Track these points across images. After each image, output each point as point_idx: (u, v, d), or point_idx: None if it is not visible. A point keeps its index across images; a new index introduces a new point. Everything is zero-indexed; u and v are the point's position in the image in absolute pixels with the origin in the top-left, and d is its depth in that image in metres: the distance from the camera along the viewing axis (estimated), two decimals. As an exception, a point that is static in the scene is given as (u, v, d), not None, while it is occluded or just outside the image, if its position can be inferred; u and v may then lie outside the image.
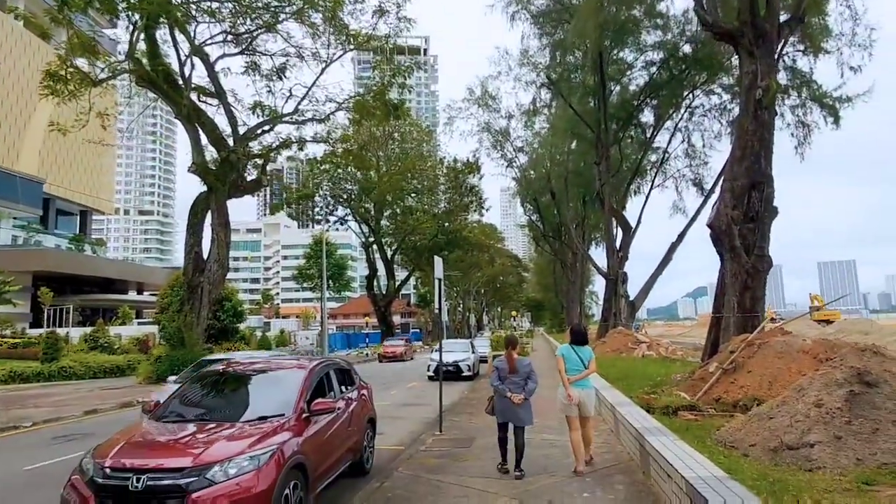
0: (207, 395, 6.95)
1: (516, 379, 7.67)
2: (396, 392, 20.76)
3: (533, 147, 65.57)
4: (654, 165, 43.99)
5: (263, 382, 7.26)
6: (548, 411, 12.44)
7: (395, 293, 64.84)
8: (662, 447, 6.45)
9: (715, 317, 14.65)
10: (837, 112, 30.21)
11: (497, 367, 7.90)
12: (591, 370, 7.81)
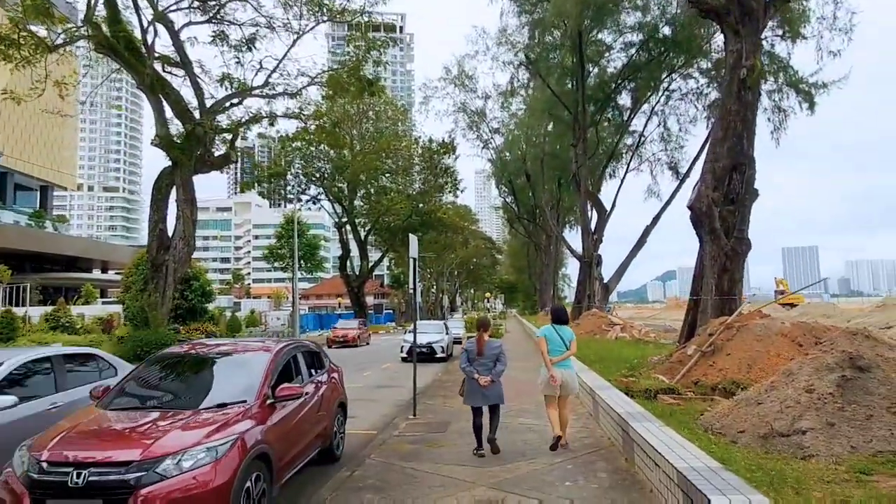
0: (162, 381, 6.43)
1: (485, 361, 7.63)
2: (370, 374, 20.35)
3: (509, 129, 65.21)
4: (630, 149, 43.92)
5: (224, 366, 6.74)
6: (524, 394, 12.18)
7: (368, 274, 64.15)
8: (648, 434, 6.14)
9: (692, 299, 14.46)
10: (813, 98, 30.30)
11: (466, 349, 7.88)
12: (572, 351, 7.83)
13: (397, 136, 61.88)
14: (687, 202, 14.19)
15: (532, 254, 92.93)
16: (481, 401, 7.62)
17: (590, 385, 10.08)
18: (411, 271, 11.03)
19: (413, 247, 11.01)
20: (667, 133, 41.26)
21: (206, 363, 6.80)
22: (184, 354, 6.96)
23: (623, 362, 14.99)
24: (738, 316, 11.89)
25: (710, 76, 35.80)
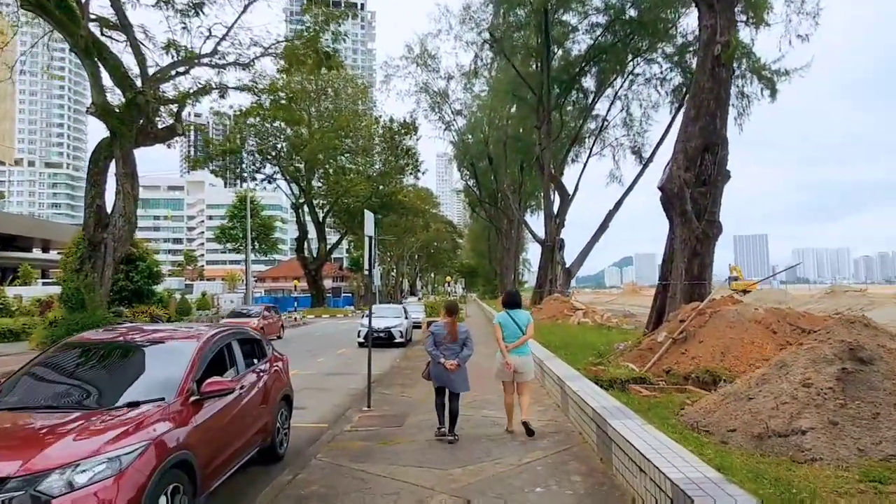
0: (62, 374, 5.40)
1: (452, 345, 7.54)
2: (324, 359, 19.41)
3: (472, 111, 64.30)
4: (593, 133, 43.57)
5: (140, 358, 5.75)
6: (487, 383, 11.44)
7: (326, 256, 62.89)
8: (629, 433, 5.45)
9: (661, 284, 13.94)
10: (775, 85, 30.20)
11: (433, 332, 7.73)
12: (528, 335, 7.71)
13: (357, 114, 60.42)
14: (658, 183, 13.61)
15: (493, 238, 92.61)
16: (449, 385, 7.55)
17: (558, 375, 9.40)
18: (367, 250, 10.16)
19: (369, 224, 10.13)
20: (629, 118, 41.06)
21: (118, 354, 5.78)
22: (94, 342, 5.93)
23: (589, 349, 14.41)
24: (711, 302, 11.37)
25: (674, 61, 35.56)
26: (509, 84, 42.19)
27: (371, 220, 10.23)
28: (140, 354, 5.79)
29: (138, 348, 5.87)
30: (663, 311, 13.53)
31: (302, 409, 11.06)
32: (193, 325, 9.87)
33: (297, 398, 12.00)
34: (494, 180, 67.37)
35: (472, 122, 65.18)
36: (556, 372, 9.69)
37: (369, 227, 10.18)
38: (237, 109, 42.70)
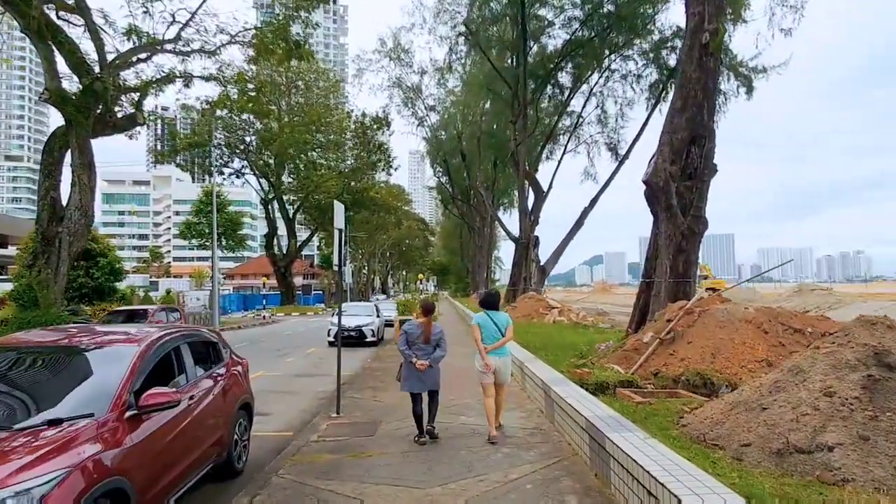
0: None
1: (425, 346, 7.37)
2: (293, 359, 18.58)
3: (445, 107, 63.65)
4: (568, 130, 43.22)
5: (72, 364, 4.93)
6: (463, 386, 10.83)
7: (296, 253, 61.70)
8: (632, 449, 4.84)
9: (645, 282, 13.43)
10: (751, 82, 30.12)
11: (406, 331, 7.50)
12: (508, 338, 7.51)
13: (328, 108, 59.29)
14: (642, 176, 13.09)
15: (465, 235, 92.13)
16: (419, 386, 7.32)
17: (541, 378, 8.78)
18: (337, 245, 9.42)
19: (339, 216, 9.40)
20: (604, 115, 40.79)
21: (49, 359, 4.97)
22: (12, 346, 5.13)
23: (569, 349, 13.87)
24: (699, 300, 10.87)
25: (649, 58, 35.32)
26: (484, 78, 41.61)
27: (341, 213, 9.50)
28: (72, 361, 4.97)
29: (71, 353, 5.04)
30: (647, 309, 13.02)
31: (266, 415, 10.33)
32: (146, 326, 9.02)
33: (261, 402, 11.26)
34: (467, 177, 66.80)
35: (446, 117, 64.51)
36: (539, 375, 9.07)
37: (339, 219, 9.45)
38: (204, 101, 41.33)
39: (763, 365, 8.99)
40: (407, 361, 7.34)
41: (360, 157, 61.03)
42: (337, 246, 9.41)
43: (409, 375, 7.32)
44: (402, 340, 7.48)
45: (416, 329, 7.43)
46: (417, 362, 7.21)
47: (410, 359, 7.28)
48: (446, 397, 10.07)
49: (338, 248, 9.40)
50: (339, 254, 9.44)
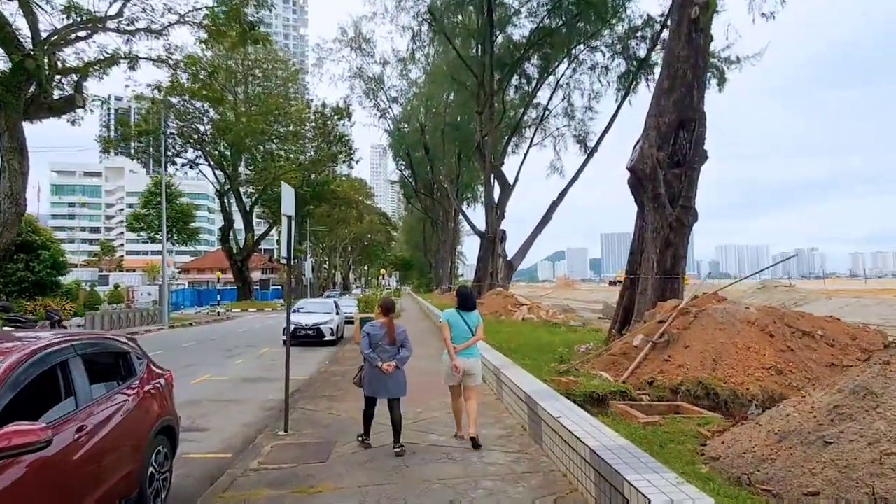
0: None
1: (389, 347, 6.95)
2: (243, 361, 17.05)
3: (408, 98, 62.31)
4: (534, 122, 42.30)
5: None
6: (431, 395, 9.57)
7: (253, 247, 59.52)
8: (661, 497, 3.63)
9: (629, 278, 12.35)
10: (724, 73, 29.50)
11: (369, 333, 7.00)
12: (478, 337, 7.17)
13: (287, 98, 57.31)
14: (627, 163, 11.99)
15: (428, 230, 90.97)
16: (385, 391, 6.90)
17: (525, 391, 7.55)
18: (286, 232, 8.04)
19: (288, 200, 8.03)
20: (571, 108, 40.00)
21: None
22: None
23: (546, 351, 12.73)
24: (694, 300, 9.79)
25: (617, 49, 34.54)
26: (449, 68, 40.37)
27: (290, 196, 8.12)
28: None
29: None
30: (631, 308, 11.95)
31: (202, 431, 8.93)
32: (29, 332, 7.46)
33: (199, 414, 9.83)
34: (431, 170, 65.59)
35: (409, 109, 63.16)
36: (520, 386, 7.85)
37: (288, 204, 8.08)
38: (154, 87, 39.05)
39: (772, 373, 7.95)
40: (372, 365, 6.85)
41: (320, 149, 59.24)
42: (286, 235, 8.02)
43: (374, 379, 6.88)
44: (364, 343, 6.97)
45: (378, 330, 6.97)
46: (384, 365, 6.76)
47: (376, 362, 6.80)
48: (412, 410, 8.84)
49: (287, 238, 8.01)
50: (288, 244, 8.06)
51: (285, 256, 8.09)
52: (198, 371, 14.93)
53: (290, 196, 8.10)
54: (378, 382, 6.85)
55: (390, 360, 6.84)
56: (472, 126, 47.50)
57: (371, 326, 7.04)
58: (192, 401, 10.97)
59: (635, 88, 32.72)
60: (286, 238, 7.94)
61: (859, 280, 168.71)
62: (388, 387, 6.84)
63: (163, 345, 21.95)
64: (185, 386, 12.65)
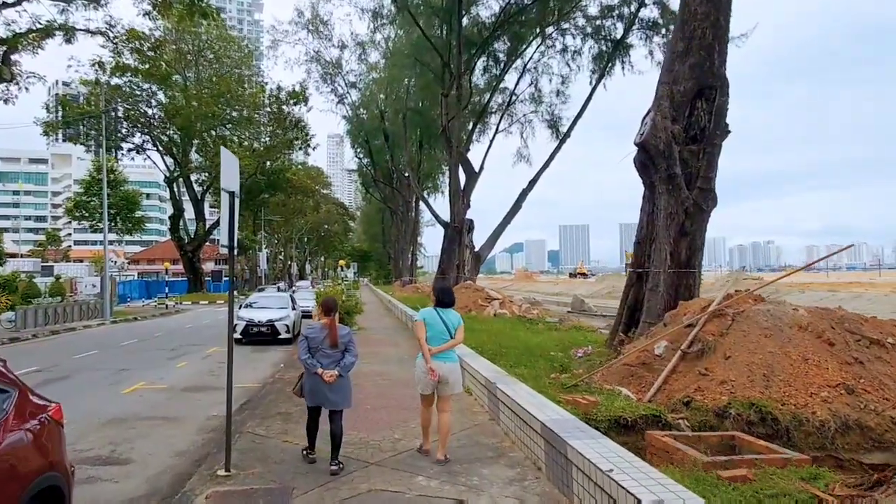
0: None
1: (331, 352, 6.18)
2: (187, 363, 14.95)
3: (367, 83, 60.26)
4: (500, 108, 40.70)
5: None
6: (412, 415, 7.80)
7: (204, 237, 56.48)
8: None
9: (635, 272, 10.74)
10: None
11: (307, 336, 6.29)
12: (458, 339, 6.47)
13: (241, 81, 54.31)
14: (635, 138, 10.36)
15: (387, 220, 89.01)
16: (328, 401, 6.16)
17: (539, 418, 5.83)
18: (227, 212, 6.12)
19: (229, 171, 6.14)
20: (538, 94, 38.63)
21: None
22: None
23: (534, 355, 11.09)
24: (727, 298, 8.21)
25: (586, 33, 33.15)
26: (412, 48, 38.42)
27: (232, 167, 6.23)
28: None
29: None
30: (638, 307, 10.38)
31: (124, 463, 7.05)
32: None
33: (123, 438, 8.00)
34: (390, 159, 63.62)
35: (368, 94, 61.11)
36: (530, 411, 6.12)
37: (230, 177, 6.18)
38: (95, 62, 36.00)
39: (840, 392, 6.44)
40: (310, 372, 6.13)
41: (275, 135, 56.49)
42: (226, 215, 6.09)
43: (315, 388, 6.12)
44: (302, 348, 6.23)
45: (318, 333, 6.23)
46: (325, 373, 6.02)
47: (314, 369, 6.07)
48: (388, 435, 7.09)
49: (227, 220, 6.08)
50: (230, 227, 6.13)
51: (226, 244, 6.18)
52: (133, 376, 12.86)
53: (231, 166, 6.19)
54: (319, 392, 6.08)
55: (332, 366, 6.07)
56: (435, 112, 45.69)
57: (309, 329, 6.33)
58: (118, 418, 9.03)
59: (610, 71, 31.37)
60: (227, 219, 6.04)
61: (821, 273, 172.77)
62: (329, 396, 6.07)
63: (100, 343, 19.70)
64: (113, 397, 10.66)
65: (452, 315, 6.51)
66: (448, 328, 6.36)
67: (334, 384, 6.05)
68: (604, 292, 54.13)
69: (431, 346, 6.29)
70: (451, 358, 6.39)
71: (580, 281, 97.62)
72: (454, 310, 6.64)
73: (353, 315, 20.97)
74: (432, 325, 6.39)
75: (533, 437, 6.02)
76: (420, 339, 6.38)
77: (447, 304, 6.56)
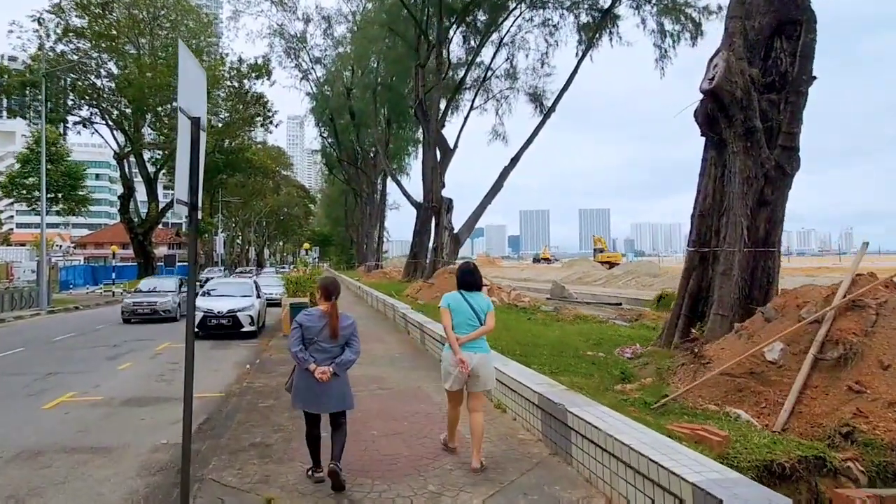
0: None
1: (329, 345, 5.04)
2: (132, 364, 12.37)
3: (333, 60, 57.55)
4: (476, 84, 38.50)
5: None
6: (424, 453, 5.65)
7: (157, 218, 52.84)
8: None
9: (696, 251, 8.70)
10: (700, 26, 26.62)
11: (302, 324, 5.10)
12: (489, 327, 5.59)
13: (199, 51, 50.70)
14: (702, 84, 8.28)
15: (351, 203, 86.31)
16: (317, 404, 5.04)
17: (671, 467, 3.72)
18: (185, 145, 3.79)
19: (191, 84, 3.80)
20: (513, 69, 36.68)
21: None
22: None
23: (566, 355, 9.02)
24: (854, 285, 6.21)
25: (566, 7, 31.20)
26: (386, 17, 35.82)
27: (196, 81, 3.90)
28: None
29: None
30: (701, 294, 8.35)
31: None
32: None
33: (35, 486, 6.17)
34: (356, 138, 60.90)
35: (333, 71, 58.28)
36: (643, 452, 4.02)
37: (190, 94, 3.85)
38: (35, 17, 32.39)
39: None
40: (302, 368, 5.03)
41: (234, 110, 53.09)
42: (186, 154, 3.78)
43: (307, 387, 5.02)
44: (294, 338, 5.09)
45: (316, 321, 5.10)
46: (317, 370, 4.93)
47: (307, 365, 4.97)
48: (421, 487, 4.97)
49: (188, 160, 3.77)
50: (189, 171, 3.81)
51: (186, 201, 3.87)
52: (61, 383, 10.34)
53: (195, 81, 3.87)
54: (311, 392, 5.03)
55: (327, 362, 5.01)
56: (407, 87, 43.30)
57: (306, 316, 5.21)
58: (29, 450, 6.65)
59: (597, 42, 29.43)
60: (187, 160, 3.72)
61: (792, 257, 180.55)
62: (323, 400, 5.03)
63: (29, 338, 16.80)
64: (29, 416, 8.21)
65: (480, 299, 5.73)
66: (477, 314, 5.62)
67: (329, 384, 5.00)
68: (574, 277, 52.59)
69: (458, 334, 5.54)
70: (481, 348, 5.63)
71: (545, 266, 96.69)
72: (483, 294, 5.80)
73: (327, 303, 18.68)
74: (458, 311, 5.63)
75: (665, 501, 3.90)
76: (446, 327, 5.64)
77: (473, 286, 5.79)
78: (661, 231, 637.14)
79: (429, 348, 12.25)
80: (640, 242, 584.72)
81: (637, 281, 47.89)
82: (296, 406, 5.24)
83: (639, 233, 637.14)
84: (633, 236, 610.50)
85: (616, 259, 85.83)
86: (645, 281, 46.59)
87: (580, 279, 53.27)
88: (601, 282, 51.88)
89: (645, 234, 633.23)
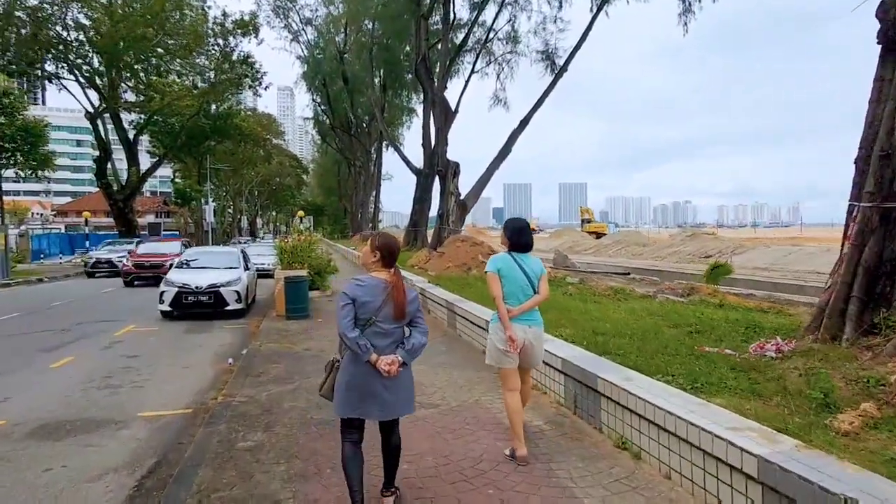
0: None
1: (391, 326, 3.54)
2: (74, 359, 9.44)
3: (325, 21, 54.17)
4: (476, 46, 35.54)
5: None
6: None
7: (138, 184, 49.66)
8: None
9: (877, 208, 5.97)
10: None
11: (354, 297, 3.49)
12: (543, 295, 4.71)
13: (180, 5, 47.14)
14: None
15: (344, 173, 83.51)
16: (383, 409, 3.55)
17: None
18: None
19: None
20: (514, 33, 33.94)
21: None
22: None
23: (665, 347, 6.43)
24: None
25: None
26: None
27: None
28: None
29: None
30: (879, 266, 5.69)
31: None
32: None
33: None
34: (350, 105, 57.71)
35: (325, 33, 54.87)
36: None
37: None
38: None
39: None
40: (354, 359, 3.47)
41: (220, 70, 49.64)
42: None
43: (361, 386, 3.49)
44: (346, 318, 3.42)
45: (374, 294, 3.49)
46: (381, 361, 3.41)
47: (367, 356, 3.40)
48: None
49: None
50: None
51: None
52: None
53: None
54: (368, 392, 3.47)
55: (390, 349, 3.49)
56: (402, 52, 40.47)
57: (361, 287, 3.50)
58: None
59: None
60: None
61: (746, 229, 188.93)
62: (385, 398, 3.49)
63: (-38, 318, 13.91)
64: None
65: (533, 262, 4.76)
66: (530, 279, 4.65)
67: (396, 380, 3.47)
68: (565, 247, 50.91)
69: (511, 305, 4.59)
70: (535, 320, 4.74)
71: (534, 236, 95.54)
72: (534, 257, 4.81)
73: (326, 276, 15.99)
74: (509, 276, 4.63)
75: None
76: (497, 297, 4.63)
77: (526, 247, 4.80)
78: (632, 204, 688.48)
79: (461, 333, 9.61)
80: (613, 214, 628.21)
81: (627, 250, 47.52)
82: (344, 414, 3.61)
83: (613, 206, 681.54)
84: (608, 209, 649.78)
85: (603, 229, 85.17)
86: (634, 250, 46.15)
87: (571, 248, 51.80)
88: (592, 251, 51.34)
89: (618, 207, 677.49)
